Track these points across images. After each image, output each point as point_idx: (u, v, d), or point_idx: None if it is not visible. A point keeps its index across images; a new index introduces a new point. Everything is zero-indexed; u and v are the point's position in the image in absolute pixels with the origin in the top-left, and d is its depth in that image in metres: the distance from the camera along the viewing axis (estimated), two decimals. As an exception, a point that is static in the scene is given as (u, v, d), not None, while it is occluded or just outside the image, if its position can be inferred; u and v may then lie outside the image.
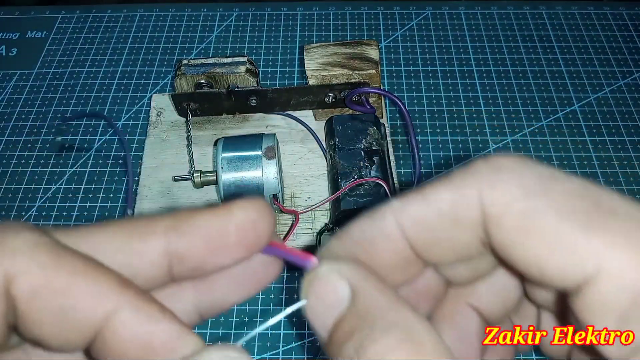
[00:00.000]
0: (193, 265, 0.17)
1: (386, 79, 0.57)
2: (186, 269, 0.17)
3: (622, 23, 0.62)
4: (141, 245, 0.16)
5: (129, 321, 0.14)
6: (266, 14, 0.64)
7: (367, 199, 0.42)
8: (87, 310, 0.14)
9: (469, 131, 0.53)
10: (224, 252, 0.17)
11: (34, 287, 0.14)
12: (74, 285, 0.14)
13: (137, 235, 0.16)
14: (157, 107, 0.52)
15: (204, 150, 0.48)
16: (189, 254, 0.16)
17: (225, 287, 0.18)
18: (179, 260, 0.16)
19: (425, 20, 0.63)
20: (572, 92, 0.56)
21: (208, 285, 0.18)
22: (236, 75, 0.47)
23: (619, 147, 0.51)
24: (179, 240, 0.16)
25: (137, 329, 0.14)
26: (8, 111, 0.56)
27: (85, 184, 0.50)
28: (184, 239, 0.16)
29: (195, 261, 0.16)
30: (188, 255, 0.16)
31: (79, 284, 0.14)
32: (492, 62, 0.59)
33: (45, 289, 0.14)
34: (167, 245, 0.16)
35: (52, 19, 0.64)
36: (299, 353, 0.40)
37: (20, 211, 0.48)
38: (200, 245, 0.16)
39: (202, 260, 0.17)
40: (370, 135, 0.45)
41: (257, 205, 0.17)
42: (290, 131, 0.50)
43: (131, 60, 0.60)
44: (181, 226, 0.16)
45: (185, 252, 0.16)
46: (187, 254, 0.16)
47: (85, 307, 0.14)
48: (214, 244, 0.16)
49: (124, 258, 0.16)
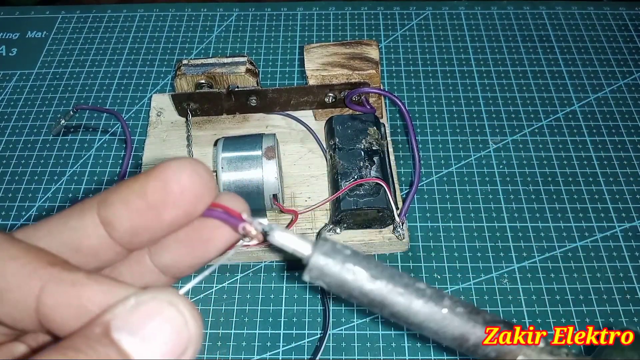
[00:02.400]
0: (125, 231, 0.18)
1: (386, 79, 0.57)
2: (122, 235, 0.18)
3: (622, 23, 0.62)
4: (77, 222, 0.18)
5: (54, 291, 0.16)
6: (266, 14, 0.64)
7: (367, 199, 0.42)
8: (17, 288, 0.16)
9: (469, 131, 0.53)
10: (149, 215, 0.18)
11: None
12: (7, 270, 0.16)
13: (75, 214, 0.18)
14: (157, 107, 0.52)
15: (204, 150, 0.48)
16: (115, 220, 0.18)
17: (175, 250, 0.19)
18: (111, 228, 0.18)
19: (425, 20, 0.63)
20: (572, 92, 0.56)
21: (158, 248, 0.20)
22: (236, 75, 0.47)
23: (619, 147, 0.51)
24: (106, 210, 0.18)
25: (64, 297, 0.16)
26: (8, 111, 0.56)
27: (85, 184, 0.50)
28: (110, 208, 0.18)
29: (125, 227, 0.18)
30: (115, 221, 0.18)
31: (12, 268, 0.16)
32: (492, 62, 0.59)
33: None
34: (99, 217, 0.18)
35: (52, 19, 0.64)
36: (299, 353, 0.40)
37: (20, 211, 0.48)
38: (123, 210, 0.18)
39: (131, 225, 0.18)
40: (370, 135, 0.45)
41: (179, 164, 0.18)
42: (290, 131, 0.50)
43: (131, 60, 0.60)
44: (109, 197, 0.18)
45: (113, 219, 0.18)
46: (114, 220, 0.18)
47: (15, 286, 0.16)
48: (136, 208, 0.18)
49: (67, 236, 0.18)
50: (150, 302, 0.15)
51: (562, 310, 0.42)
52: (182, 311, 0.15)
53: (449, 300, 0.18)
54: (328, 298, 0.42)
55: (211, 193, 0.18)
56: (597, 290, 0.43)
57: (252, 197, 0.41)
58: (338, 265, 0.18)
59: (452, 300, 0.18)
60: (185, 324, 0.15)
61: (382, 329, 0.41)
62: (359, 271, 0.18)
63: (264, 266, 0.45)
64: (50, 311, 0.16)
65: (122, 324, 0.15)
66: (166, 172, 0.17)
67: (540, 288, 0.43)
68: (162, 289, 0.16)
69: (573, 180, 0.49)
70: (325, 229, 0.43)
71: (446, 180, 0.49)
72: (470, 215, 0.47)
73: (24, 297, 0.16)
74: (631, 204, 0.48)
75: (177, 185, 0.17)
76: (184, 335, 0.15)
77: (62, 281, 0.16)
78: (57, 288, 0.16)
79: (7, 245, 0.17)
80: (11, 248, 0.17)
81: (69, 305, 0.16)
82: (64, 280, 0.16)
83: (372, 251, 0.44)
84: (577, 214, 0.47)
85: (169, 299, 0.15)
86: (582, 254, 0.45)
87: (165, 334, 0.15)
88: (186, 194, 0.18)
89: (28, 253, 0.17)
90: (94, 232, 0.18)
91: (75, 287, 0.16)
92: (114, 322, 0.15)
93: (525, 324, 0.41)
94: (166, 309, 0.15)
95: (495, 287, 0.43)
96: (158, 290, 0.16)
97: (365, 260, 0.18)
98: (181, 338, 0.15)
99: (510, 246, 0.45)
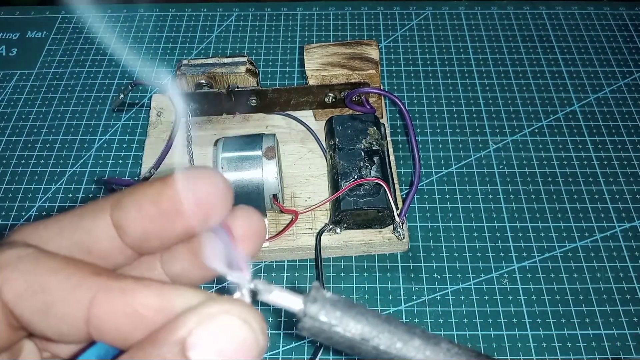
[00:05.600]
0: (136, 235, 0.18)
1: (386, 79, 0.57)
2: (133, 239, 0.18)
3: (622, 23, 0.62)
4: (90, 223, 0.18)
5: (105, 301, 0.16)
6: (266, 14, 0.64)
7: (367, 199, 0.42)
8: (66, 302, 0.16)
9: (469, 131, 0.53)
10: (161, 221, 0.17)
11: (17, 292, 0.16)
12: (51, 284, 0.16)
13: (87, 214, 0.18)
14: (157, 107, 0.52)
15: (204, 150, 0.48)
16: (127, 224, 0.18)
17: (186, 260, 0.19)
18: (123, 232, 0.18)
19: (425, 20, 0.63)
20: (572, 92, 0.56)
21: (170, 256, 0.19)
22: (236, 75, 0.47)
23: (619, 147, 0.51)
24: (119, 213, 0.18)
25: (116, 305, 0.16)
26: (8, 111, 0.56)
27: (85, 184, 0.50)
28: (123, 211, 0.18)
29: (136, 231, 0.18)
30: (127, 225, 0.18)
31: (55, 282, 0.16)
32: (492, 62, 0.59)
33: (27, 291, 0.16)
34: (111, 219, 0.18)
35: (52, 19, 0.64)
36: (299, 353, 0.40)
37: (20, 211, 0.48)
38: (136, 215, 0.17)
39: (143, 230, 0.18)
40: (370, 135, 0.45)
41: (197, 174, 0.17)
42: (290, 131, 0.50)
43: (131, 60, 0.60)
44: (122, 200, 0.18)
45: (124, 223, 0.18)
46: (126, 224, 0.18)
47: (62, 300, 0.16)
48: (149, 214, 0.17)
49: (79, 236, 0.18)
50: (222, 317, 0.15)
51: (562, 310, 0.42)
52: (255, 328, 0.15)
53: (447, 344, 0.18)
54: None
55: (227, 205, 0.18)
56: (597, 290, 0.43)
57: (252, 197, 0.41)
58: (326, 326, 0.17)
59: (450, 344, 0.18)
60: (257, 342, 0.15)
61: (382, 329, 0.41)
62: (350, 329, 0.17)
63: (263, 266, 0.45)
64: (102, 322, 0.16)
65: (197, 341, 0.14)
66: (183, 181, 0.17)
67: (540, 288, 0.43)
68: (228, 300, 0.15)
69: (573, 180, 0.49)
70: (326, 229, 0.43)
71: (446, 180, 0.49)
72: (470, 215, 0.47)
73: (73, 310, 0.16)
74: (631, 204, 0.48)
75: (192, 195, 0.17)
76: (255, 351, 0.15)
77: (110, 290, 0.16)
78: (107, 297, 0.16)
79: (44, 259, 0.16)
80: (50, 261, 0.16)
81: (122, 313, 0.16)
82: (112, 289, 0.16)
83: (372, 251, 0.44)
84: (577, 214, 0.47)
85: (243, 316, 0.15)
86: (582, 254, 0.45)
87: (240, 353, 0.15)
88: (201, 205, 0.17)
89: (68, 265, 0.16)
90: (106, 234, 0.18)
91: (126, 294, 0.16)
92: (190, 340, 0.14)
93: (525, 324, 0.41)
94: (241, 329, 0.15)
95: (495, 287, 0.43)
96: (226, 301, 0.15)
97: (357, 316, 0.18)
98: (253, 355, 0.15)
99: (510, 246, 0.45)
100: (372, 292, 0.43)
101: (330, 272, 0.44)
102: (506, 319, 0.41)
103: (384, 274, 0.44)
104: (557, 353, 0.40)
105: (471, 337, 0.41)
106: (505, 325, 0.41)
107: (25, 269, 0.16)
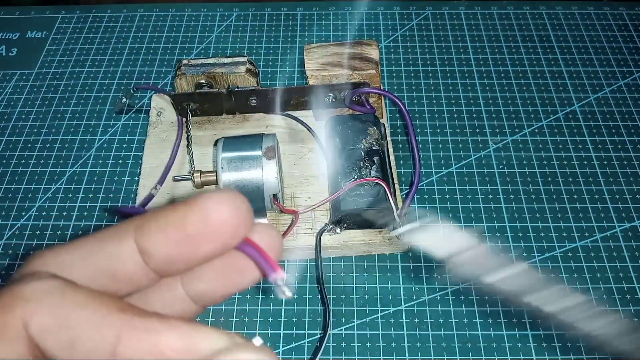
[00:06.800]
0: (161, 259, 0.18)
1: (386, 79, 0.57)
2: (158, 263, 0.18)
3: (622, 23, 0.62)
4: (114, 248, 0.18)
5: (130, 340, 0.16)
6: (266, 14, 0.64)
7: (367, 199, 0.42)
8: (91, 338, 0.16)
9: (469, 131, 0.53)
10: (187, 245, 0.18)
11: (44, 326, 0.16)
12: (77, 319, 0.16)
13: (111, 239, 0.18)
14: (157, 107, 0.52)
15: (204, 150, 0.48)
16: (153, 250, 0.18)
17: (210, 280, 0.19)
18: (148, 257, 0.18)
19: (425, 20, 0.63)
20: (572, 92, 0.56)
21: (192, 277, 0.20)
22: (236, 75, 0.47)
23: (619, 147, 0.51)
24: (143, 238, 0.18)
25: (141, 345, 0.15)
26: (8, 111, 0.56)
27: (85, 184, 0.50)
28: (147, 237, 0.18)
29: (161, 256, 0.18)
30: (153, 250, 0.18)
31: (82, 317, 0.16)
32: (492, 62, 0.59)
33: (54, 326, 0.16)
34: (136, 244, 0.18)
35: (52, 19, 0.64)
36: (299, 353, 0.40)
37: (20, 211, 0.48)
38: (161, 240, 0.17)
39: (168, 255, 0.18)
40: (370, 135, 0.45)
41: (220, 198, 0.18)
42: (290, 131, 0.50)
43: (131, 60, 0.60)
44: (146, 224, 0.18)
45: (150, 248, 0.18)
46: (152, 249, 0.18)
47: (88, 337, 0.16)
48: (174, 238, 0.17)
49: (104, 262, 0.18)
50: None
51: (562, 310, 0.42)
52: None
53: None
54: (328, 298, 0.42)
55: (248, 226, 0.18)
56: (597, 290, 0.43)
57: (252, 197, 0.41)
58: None
59: None
60: None
61: (382, 329, 0.41)
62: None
63: (264, 266, 0.45)
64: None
65: None
66: (207, 205, 0.17)
67: (540, 288, 0.43)
68: (253, 348, 0.15)
69: (573, 180, 0.49)
70: (326, 229, 0.43)
71: (446, 180, 0.49)
72: (470, 215, 0.47)
73: (98, 347, 0.16)
74: (631, 204, 0.48)
75: (217, 220, 0.17)
76: None
77: (135, 328, 0.16)
78: (132, 336, 0.16)
79: (71, 292, 0.16)
80: (77, 295, 0.16)
81: (148, 353, 0.15)
82: (137, 328, 0.16)
83: (372, 251, 0.44)
84: (577, 214, 0.47)
85: None
86: (582, 254, 0.45)
87: None
88: (225, 228, 0.17)
89: (94, 299, 0.16)
90: (130, 259, 0.18)
91: (151, 334, 0.16)
92: None
93: (525, 324, 0.41)
94: None
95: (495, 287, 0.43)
96: (252, 350, 0.15)
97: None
98: None
99: (510, 246, 0.45)
100: (372, 292, 0.43)
101: (330, 272, 0.44)
102: (506, 319, 0.41)
103: (384, 274, 0.44)
104: (557, 353, 0.40)
105: (471, 337, 0.41)
106: (505, 325, 0.41)
107: (53, 303, 0.16)
